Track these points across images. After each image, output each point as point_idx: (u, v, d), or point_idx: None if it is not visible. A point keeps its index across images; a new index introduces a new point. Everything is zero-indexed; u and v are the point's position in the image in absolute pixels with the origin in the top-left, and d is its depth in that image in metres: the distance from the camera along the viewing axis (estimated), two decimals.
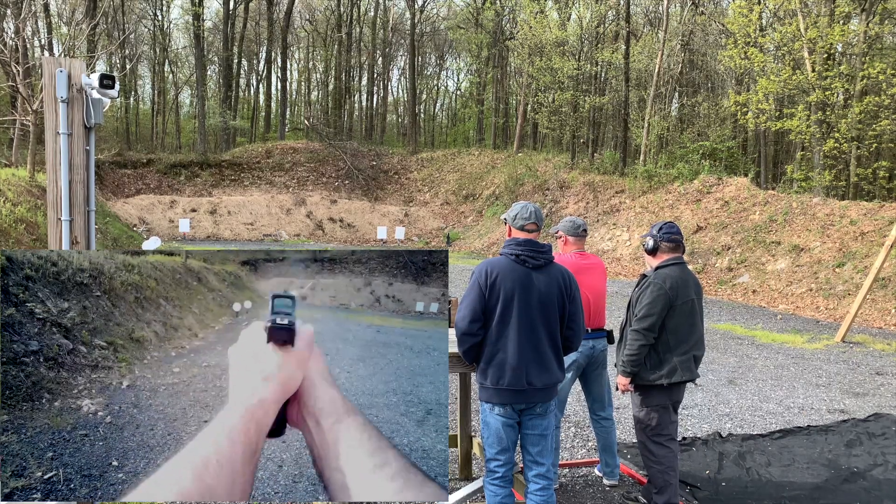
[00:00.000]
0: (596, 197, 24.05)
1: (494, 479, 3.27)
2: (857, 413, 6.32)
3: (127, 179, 31.09)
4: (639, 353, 3.83)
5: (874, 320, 11.58)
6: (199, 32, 37.61)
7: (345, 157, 34.38)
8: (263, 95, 47.74)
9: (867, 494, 4.41)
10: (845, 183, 19.52)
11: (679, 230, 4.00)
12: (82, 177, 3.50)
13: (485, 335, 3.24)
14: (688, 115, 28.10)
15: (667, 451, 3.88)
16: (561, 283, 3.29)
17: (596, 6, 27.10)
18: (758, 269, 15.31)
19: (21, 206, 14.30)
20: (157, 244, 7.34)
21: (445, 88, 58.27)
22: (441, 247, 27.26)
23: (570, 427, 5.67)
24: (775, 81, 19.15)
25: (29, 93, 16.52)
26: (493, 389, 3.22)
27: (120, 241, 19.61)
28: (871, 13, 18.54)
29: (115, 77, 3.49)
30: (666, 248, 3.94)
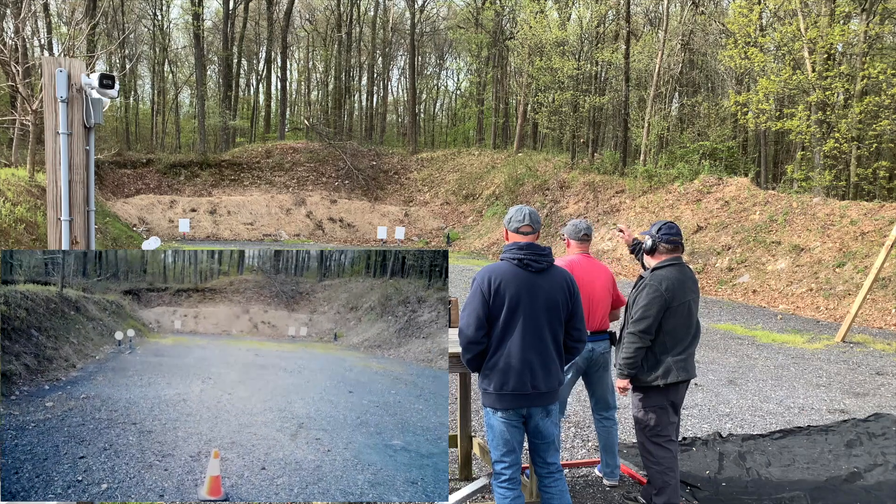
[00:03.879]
0: (596, 197, 24.04)
1: (502, 481, 3.26)
2: (857, 413, 6.32)
3: (127, 179, 31.08)
4: (635, 355, 3.82)
5: (874, 320, 11.57)
6: (199, 32, 37.59)
7: (345, 157, 34.37)
8: (263, 95, 47.74)
9: (867, 494, 4.41)
10: (845, 183, 19.52)
11: (679, 230, 3.98)
12: (82, 177, 3.49)
13: (488, 341, 3.23)
14: (688, 115, 28.09)
15: (666, 452, 3.88)
16: (564, 287, 3.29)
17: (596, 6, 27.09)
18: (758, 269, 15.31)
19: (21, 205, 14.30)
20: (157, 244, 7.33)
21: (445, 88, 58.34)
22: (441, 247, 27.26)
23: (570, 427, 5.67)
24: (775, 81, 19.14)
25: (29, 93, 16.52)
26: (497, 394, 3.20)
27: (119, 241, 19.61)
28: (872, 13, 18.53)
29: (114, 77, 3.49)
30: (664, 248, 3.93)
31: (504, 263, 3.27)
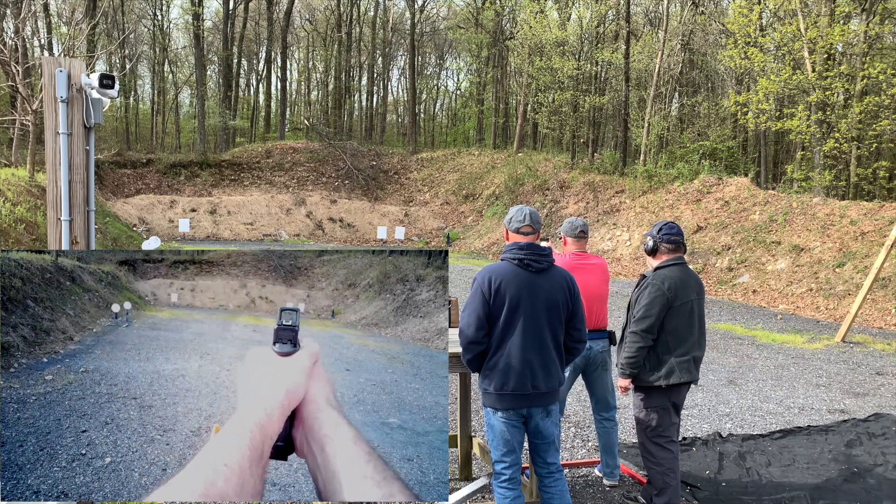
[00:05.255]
0: (596, 197, 24.04)
1: (502, 481, 3.26)
2: (857, 413, 6.32)
3: (127, 179, 31.07)
4: (637, 355, 3.82)
5: (874, 320, 11.57)
6: (199, 32, 37.57)
7: (345, 157, 34.36)
8: (263, 95, 47.72)
9: (867, 494, 4.41)
10: (845, 183, 19.51)
11: (680, 231, 3.97)
12: (82, 177, 3.49)
13: (488, 341, 3.23)
14: (688, 115, 28.09)
15: (667, 453, 3.87)
16: (564, 287, 3.29)
17: (596, 6, 27.08)
18: (758, 269, 15.31)
19: (21, 205, 14.30)
20: (157, 244, 7.33)
21: (445, 88, 58.30)
22: (441, 247, 27.26)
23: (570, 427, 5.67)
24: (775, 81, 19.14)
25: (29, 93, 16.51)
26: (498, 395, 3.20)
27: (119, 241, 19.61)
28: (871, 13, 18.53)
29: (114, 77, 3.48)
30: (665, 248, 3.92)
31: (504, 263, 3.27)
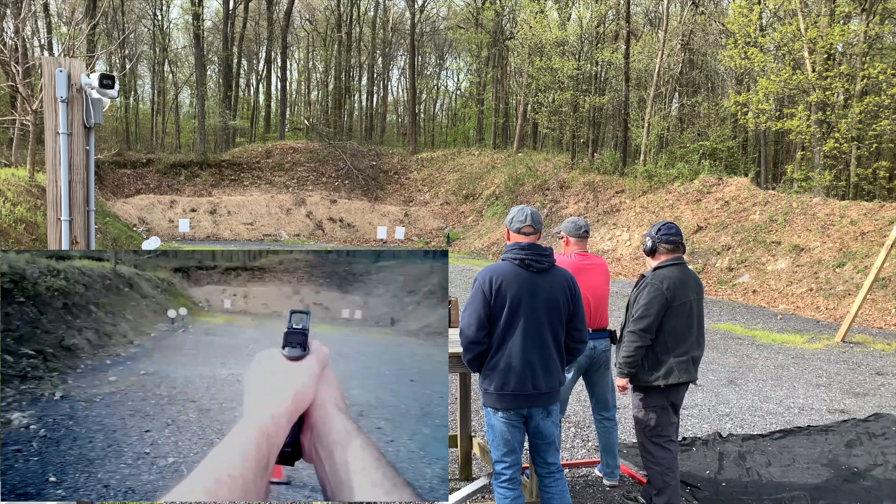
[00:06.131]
0: (596, 197, 24.04)
1: (502, 481, 3.26)
2: (857, 413, 6.32)
3: (127, 179, 31.07)
4: (636, 355, 3.82)
5: (874, 320, 11.57)
6: (199, 32, 37.58)
7: (345, 157, 34.36)
8: (263, 95, 47.73)
9: (867, 494, 4.41)
10: (845, 183, 19.51)
11: (679, 231, 3.97)
12: (82, 177, 3.49)
13: (489, 341, 3.23)
14: (688, 115, 28.09)
15: (666, 453, 3.87)
16: (565, 287, 3.29)
17: (596, 6, 27.08)
18: (758, 269, 15.31)
19: (21, 205, 14.30)
20: (157, 244, 7.33)
21: (445, 88, 58.31)
22: (441, 247, 27.26)
23: (569, 427, 5.67)
24: (775, 81, 19.14)
25: (29, 93, 16.51)
26: (498, 395, 3.20)
27: (119, 241, 19.60)
28: (872, 13, 18.53)
29: (114, 77, 3.48)
30: (664, 249, 3.92)
31: (505, 263, 3.27)
